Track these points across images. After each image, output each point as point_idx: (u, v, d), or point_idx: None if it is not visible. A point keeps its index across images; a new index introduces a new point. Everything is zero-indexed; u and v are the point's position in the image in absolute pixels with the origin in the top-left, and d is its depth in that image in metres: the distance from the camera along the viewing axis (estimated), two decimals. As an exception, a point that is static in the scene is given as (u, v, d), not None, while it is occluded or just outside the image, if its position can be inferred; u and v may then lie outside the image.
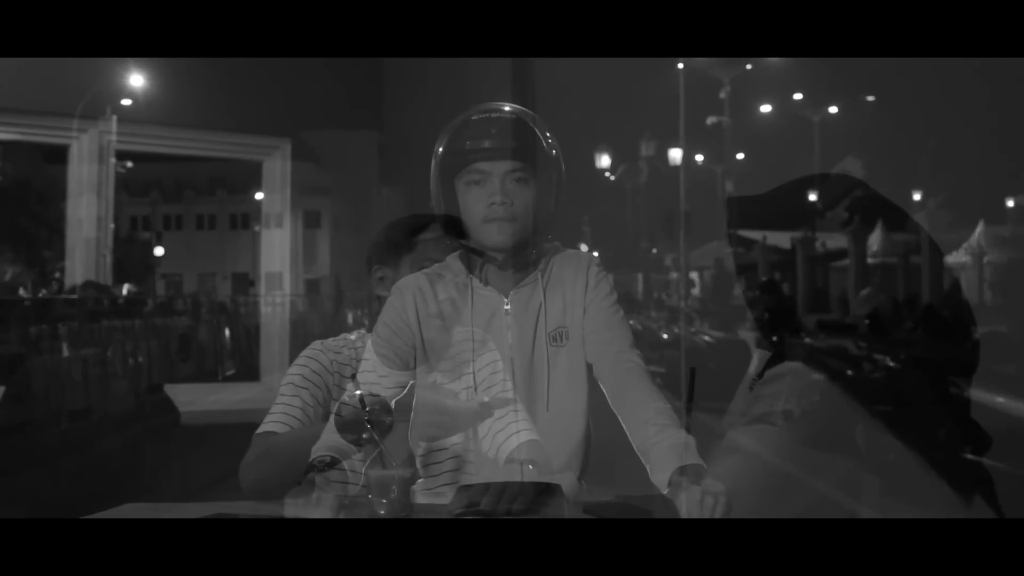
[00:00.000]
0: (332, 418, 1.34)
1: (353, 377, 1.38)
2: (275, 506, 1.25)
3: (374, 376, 1.43)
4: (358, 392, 1.29)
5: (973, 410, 1.76)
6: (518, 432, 1.42)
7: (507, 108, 1.48)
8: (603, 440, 1.48)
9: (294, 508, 1.22)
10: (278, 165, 5.93)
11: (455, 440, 1.49)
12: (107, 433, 5.92)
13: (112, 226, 6.00)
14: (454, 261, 1.51)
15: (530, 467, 1.36)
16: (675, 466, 1.27)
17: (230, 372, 7.77)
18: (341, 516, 1.23)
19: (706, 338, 8.06)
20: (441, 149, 1.46)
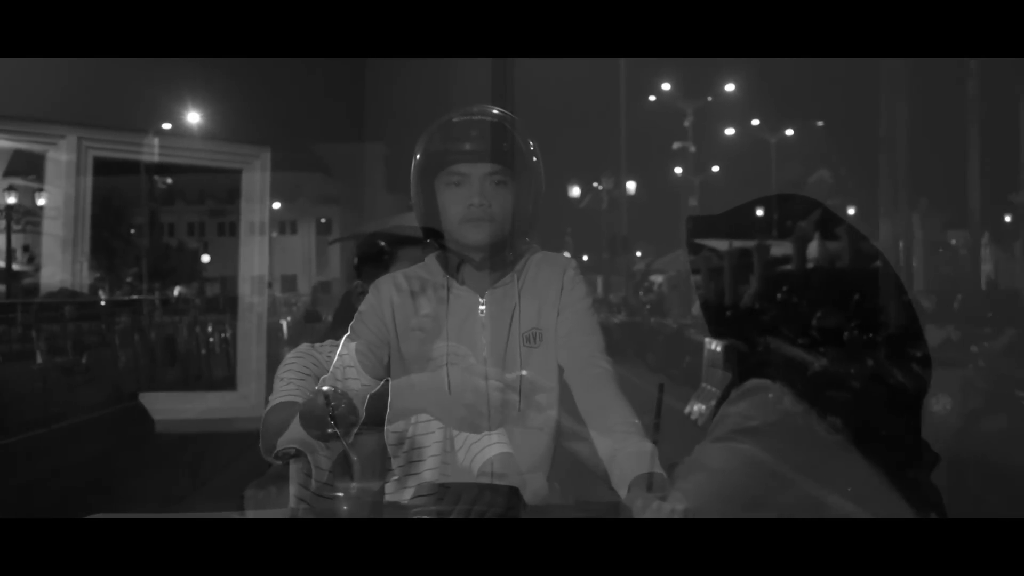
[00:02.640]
0: (299, 412, 1.21)
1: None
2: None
3: (348, 371, 1.31)
4: (325, 388, 1.17)
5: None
6: (491, 444, 1.29)
7: (488, 111, 1.37)
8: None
9: (254, 500, 1.16)
10: (257, 174, 5.29)
11: (433, 452, 1.35)
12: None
13: (88, 230, 5.44)
14: (432, 261, 1.40)
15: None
16: (636, 473, 1.16)
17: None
18: (301, 510, 1.16)
19: (615, 320, 11.88)
20: (421, 150, 1.36)
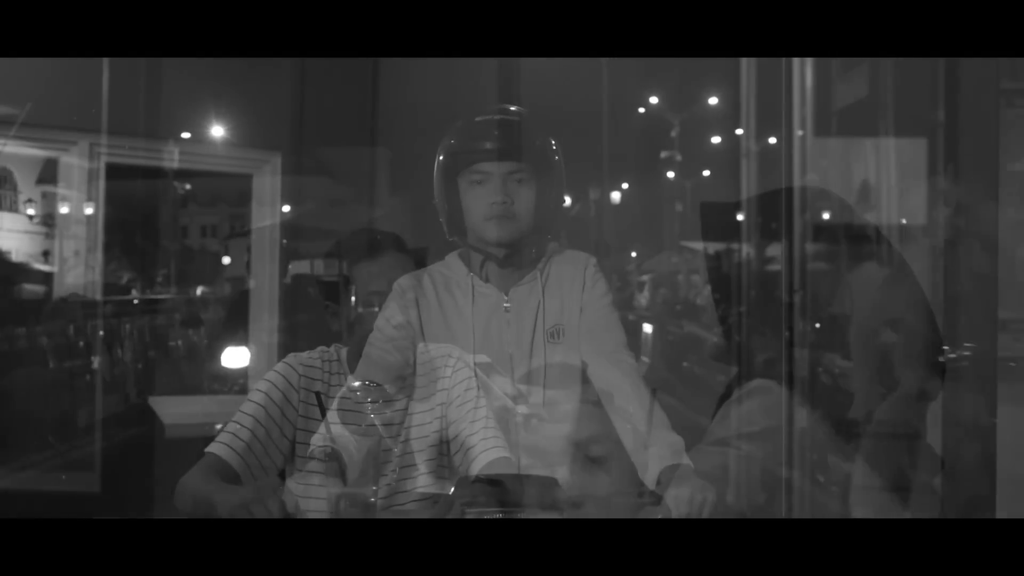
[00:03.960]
0: (336, 406, 1.19)
1: (318, 394, 1.25)
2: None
3: (372, 371, 1.25)
4: (357, 383, 1.16)
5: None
6: (488, 449, 1.26)
7: (510, 110, 1.34)
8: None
9: (292, 496, 1.13)
10: (268, 179, 5.22)
11: (428, 456, 1.32)
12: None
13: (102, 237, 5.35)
14: (454, 260, 1.37)
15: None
16: (664, 464, 1.14)
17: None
18: (342, 504, 1.11)
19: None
20: (445, 149, 1.32)
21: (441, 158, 1.35)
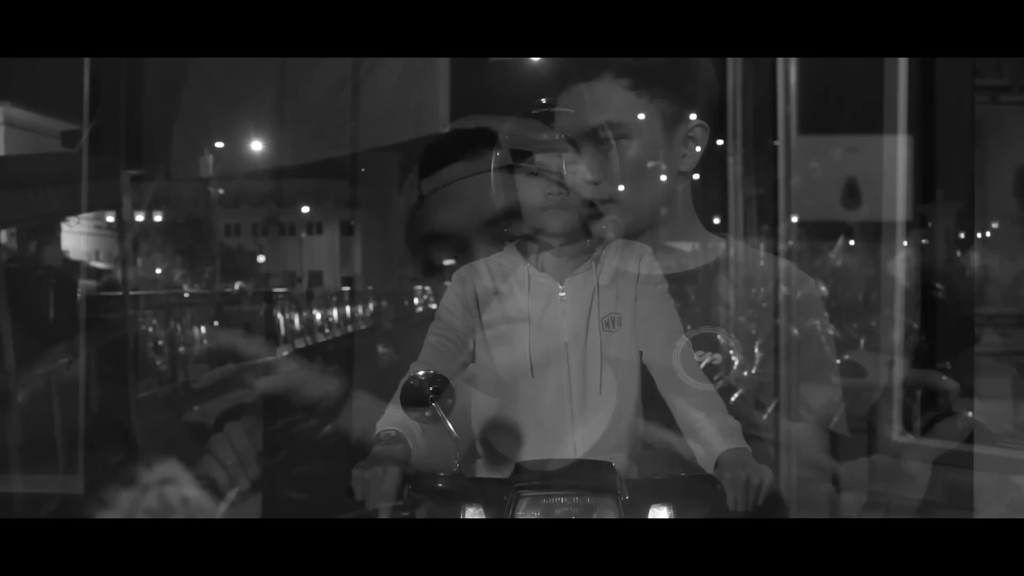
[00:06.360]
0: (398, 392, 1.09)
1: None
2: None
3: (433, 357, 1.20)
4: (420, 372, 1.07)
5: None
6: None
7: (565, 103, 1.29)
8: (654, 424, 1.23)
9: (361, 480, 1.01)
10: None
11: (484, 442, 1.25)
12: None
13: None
14: (511, 250, 1.30)
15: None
16: (722, 449, 1.06)
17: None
18: (407, 489, 1.01)
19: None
20: (499, 142, 1.26)
21: (497, 152, 1.29)
